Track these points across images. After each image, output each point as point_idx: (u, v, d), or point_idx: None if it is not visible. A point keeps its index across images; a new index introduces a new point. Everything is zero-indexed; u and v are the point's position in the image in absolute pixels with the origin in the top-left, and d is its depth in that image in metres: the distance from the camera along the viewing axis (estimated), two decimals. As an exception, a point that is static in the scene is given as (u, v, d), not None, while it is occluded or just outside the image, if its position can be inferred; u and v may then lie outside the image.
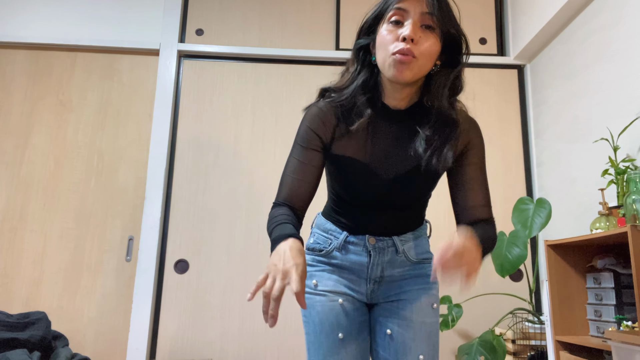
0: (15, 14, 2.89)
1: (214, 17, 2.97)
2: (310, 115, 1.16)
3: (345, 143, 1.14)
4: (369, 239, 1.19)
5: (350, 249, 1.20)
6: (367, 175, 1.15)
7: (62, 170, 2.74)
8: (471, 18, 3.02)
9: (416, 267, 1.22)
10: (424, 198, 1.23)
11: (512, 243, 2.29)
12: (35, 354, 1.81)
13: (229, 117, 2.84)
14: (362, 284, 1.21)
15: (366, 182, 1.15)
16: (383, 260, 1.19)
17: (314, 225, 1.30)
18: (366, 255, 1.19)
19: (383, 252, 1.19)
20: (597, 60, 2.21)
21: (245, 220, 2.71)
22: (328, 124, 1.14)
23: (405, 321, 1.18)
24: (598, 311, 1.84)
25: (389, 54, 1.05)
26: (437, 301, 1.22)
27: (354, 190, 1.17)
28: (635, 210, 1.60)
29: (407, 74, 1.04)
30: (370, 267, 1.19)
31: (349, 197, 1.19)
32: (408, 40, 1.03)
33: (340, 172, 1.17)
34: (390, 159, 1.15)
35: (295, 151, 1.16)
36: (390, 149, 1.15)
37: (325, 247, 1.22)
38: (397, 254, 1.20)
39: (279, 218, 1.07)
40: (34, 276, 2.61)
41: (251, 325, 2.59)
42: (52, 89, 2.83)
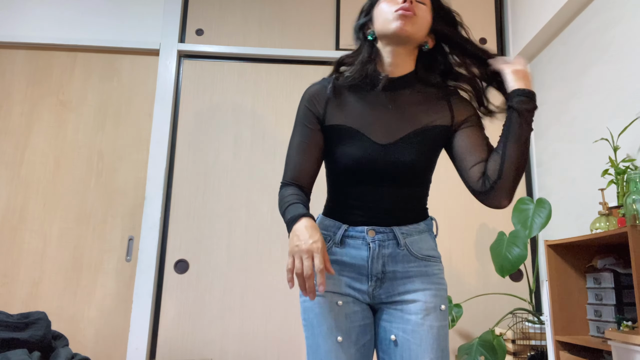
0: (15, 14, 2.89)
1: (214, 17, 2.97)
2: (306, 96, 1.23)
3: (338, 114, 1.19)
4: (368, 231, 1.15)
5: (349, 243, 1.17)
6: (360, 141, 1.15)
7: (62, 170, 2.74)
8: (471, 18, 3.02)
9: (421, 264, 1.17)
10: (420, 175, 1.19)
11: (512, 243, 2.29)
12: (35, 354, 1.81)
13: (229, 117, 2.84)
14: (363, 281, 1.16)
15: (360, 148, 1.15)
16: (384, 254, 1.15)
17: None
18: (366, 249, 1.15)
19: (383, 245, 1.15)
20: (597, 60, 2.21)
21: (245, 220, 2.71)
22: (321, 100, 1.20)
23: (410, 325, 1.12)
24: (598, 311, 1.84)
25: (391, 12, 1.14)
26: (445, 302, 1.16)
27: (349, 160, 1.15)
28: (635, 210, 1.60)
29: (409, 27, 1.13)
30: (371, 261, 1.15)
31: (344, 171, 1.17)
32: (407, 2, 1.13)
33: (334, 143, 1.18)
34: (385, 125, 1.17)
35: (296, 131, 1.22)
36: (385, 115, 1.18)
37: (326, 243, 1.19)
38: (398, 247, 1.15)
39: (290, 198, 1.14)
40: (34, 276, 2.61)
41: (251, 325, 2.59)
42: (52, 89, 2.83)
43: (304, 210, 1.09)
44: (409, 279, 1.16)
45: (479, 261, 2.71)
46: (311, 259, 1.01)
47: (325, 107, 1.20)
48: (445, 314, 1.15)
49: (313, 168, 1.20)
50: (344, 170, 1.17)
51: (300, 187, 1.18)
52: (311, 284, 1.00)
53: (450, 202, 2.77)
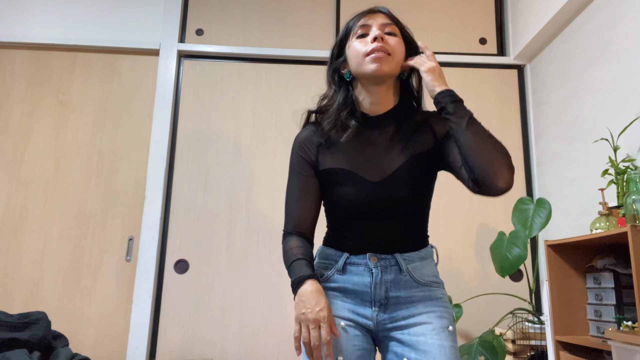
0: (15, 14, 2.89)
1: (214, 17, 2.97)
2: (297, 143, 1.26)
3: (330, 157, 1.21)
4: (371, 257, 1.16)
5: (351, 270, 1.17)
6: (355, 181, 1.17)
7: (62, 170, 2.74)
8: (471, 18, 3.02)
9: (424, 289, 1.16)
10: (417, 205, 1.20)
11: (512, 243, 2.29)
12: (35, 354, 1.81)
13: (229, 117, 2.84)
14: (366, 307, 1.16)
15: (356, 188, 1.16)
16: (387, 280, 1.15)
17: (316, 258, 1.28)
18: (368, 275, 1.15)
19: (386, 271, 1.15)
20: (597, 60, 2.21)
21: (245, 220, 2.71)
22: (311, 146, 1.23)
23: (422, 346, 1.10)
24: (598, 311, 1.84)
25: (363, 55, 1.15)
26: (452, 324, 1.15)
27: (346, 201, 1.17)
28: (635, 210, 1.60)
29: (386, 67, 1.14)
30: (374, 287, 1.15)
31: (343, 210, 1.19)
32: (379, 40, 1.15)
33: (331, 186, 1.20)
34: (375, 162, 1.18)
35: (292, 179, 1.24)
36: (374, 152, 1.19)
37: (326, 272, 1.20)
38: (400, 272, 1.15)
39: (294, 252, 1.17)
40: (34, 276, 2.61)
41: (251, 325, 2.59)
42: (52, 89, 2.83)
43: (308, 271, 1.12)
44: (412, 303, 1.15)
45: (479, 261, 2.71)
46: (318, 328, 1.05)
47: (317, 153, 1.22)
48: (454, 336, 1.13)
49: (313, 214, 1.22)
50: (342, 210, 1.19)
51: (302, 235, 1.20)
52: (319, 354, 1.03)
53: (450, 202, 2.77)
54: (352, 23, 1.23)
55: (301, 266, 1.13)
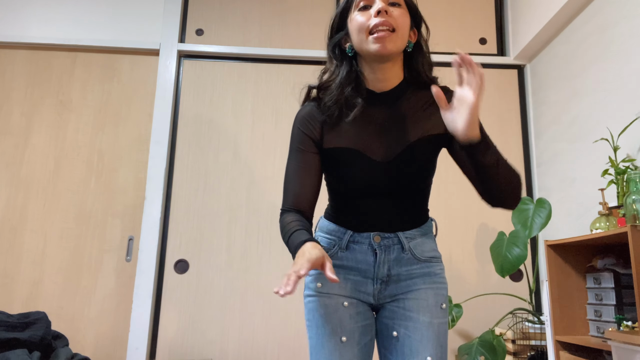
0: (15, 14, 2.89)
1: (214, 17, 2.97)
2: (298, 119, 1.20)
3: (335, 136, 1.16)
4: (374, 236, 1.16)
5: (355, 249, 1.17)
6: (361, 161, 1.14)
7: (62, 170, 2.74)
8: (471, 18, 3.02)
9: (424, 265, 1.18)
10: (422, 184, 1.19)
11: (512, 243, 2.29)
12: (35, 354, 1.81)
13: (229, 117, 2.84)
14: (368, 284, 1.18)
15: (361, 169, 1.14)
16: (389, 259, 1.16)
17: (317, 229, 1.27)
18: (372, 254, 1.16)
19: (389, 250, 1.16)
20: (597, 60, 2.21)
21: (245, 220, 2.71)
22: (315, 123, 1.18)
23: (412, 322, 1.14)
24: (598, 311, 1.84)
25: (366, 31, 1.09)
26: (445, 301, 1.18)
27: (351, 181, 1.15)
28: (635, 210, 1.60)
29: (390, 45, 1.08)
30: (377, 266, 1.16)
31: (348, 189, 1.17)
32: (382, 13, 1.08)
33: (335, 165, 1.17)
34: (383, 142, 1.14)
35: (292, 156, 1.19)
36: (381, 132, 1.15)
37: (330, 249, 1.20)
38: (403, 251, 1.17)
39: (292, 225, 1.12)
40: (34, 276, 2.61)
41: (251, 325, 2.59)
42: (52, 89, 2.83)
43: (306, 237, 1.07)
44: (412, 279, 1.17)
45: (479, 261, 2.71)
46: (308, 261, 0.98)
47: (322, 130, 1.17)
48: (445, 312, 1.17)
49: (312, 192, 1.17)
50: (346, 189, 1.17)
51: (301, 213, 1.16)
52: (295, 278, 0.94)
53: (451, 202, 2.77)
54: None
55: (300, 234, 1.08)
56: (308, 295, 1.19)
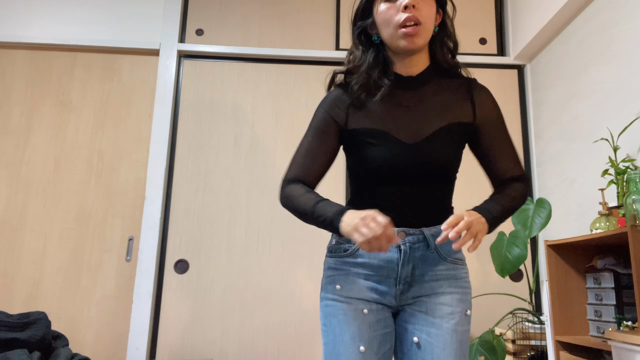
0: (15, 14, 2.89)
1: (214, 17, 2.97)
2: (326, 101, 1.19)
3: (361, 117, 1.15)
4: (399, 233, 1.11)
5: None
6: (387, 142, 1.12)
7: (62, 170, 2.74)
8: (471, 18, 3.02)
9: (450, 267, 1.14)
10: (448, 173, 1.16)
11: (512, 243, 2.29)
12: (35, 354, 1.81)
13: (229, 117, 2.84)
14: (391, 284, 1.12)
15: (387, 149, 1.12)
16: (414, 257, 1.11)
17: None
18: (396, 251, 1.11)
19: (414, 248, 1.11)
20: (597, 60, 2.21)
21: (245, 220, 2.71)
22: (341, 105, 1.17)
23: (435, 329, 1.09)
24: (598, 311, 1.84)
25: (395, 27, 1.11)
26: (470, 307, 1.14)
27: (377, 163, 1.12)
28: (635, 210, 1.60)
29: (418, 41, 1.11)
30: (401, 265, 1.11)
31: (371, 171, 1.13)
32: (410, 8, 1.09)
33: (360, 146, 1.15)
34: (410, 124, 1.14)
35: (311, 133, 1.18)
36: (409, 114, 1.15)
37: (351, 246, 1.14)
38: (428, 249, 1.12)
39: (310, 195, 1.10)
40: (34, 276, 2.61)
41: (251, 325, 2.59)
42: (52, 89, 2.83)
43: (342, 207, 1.05)
44: (437, 281, 1.13)
45: (479, 261, 2.71)
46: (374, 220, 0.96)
47: (347, 111, 1.16)
48: (469, 319, 1.13)
49: (320, 171, 1.16)
50: (372, 172, 1.14)
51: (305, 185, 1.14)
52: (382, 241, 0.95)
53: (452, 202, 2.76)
54: None
55: (330, 204, 1.06)
56: (326, 299, 1.15)
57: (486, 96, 1.21)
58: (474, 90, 1.20)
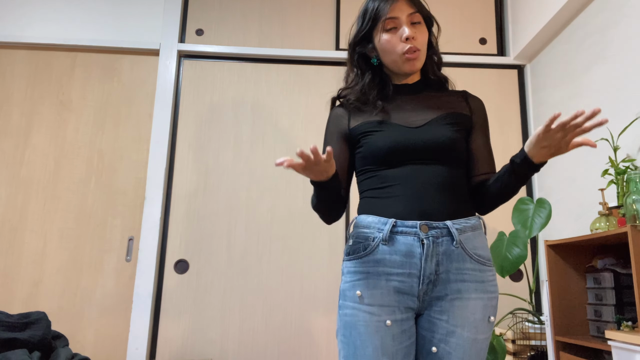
0: (15, 14, 2.89)
1: (214, 17, 2.97)
2: (329, 119, 1.30)
3: (363, 116, 1.23)
4: (421, 226, 1.08)
5: (399, 240, 1.08)
6: (392, 127, 1.18)
7: (62, 170, 2.74)
8: (471, 18, 3.02)
9: (476, 267, 1.10)
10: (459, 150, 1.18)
11: (512, 243, 2.28)
12: (35, 354, 1.81)
13: (229, 117, 2.84)
14: (414, 284, 1.07)
15: (394, 132, 1.17)
16: (438, 251, 1.07)
17: (351, 230, 1.18)
18: (419, 245, 1.07)
19: (437, 242, 1.07)
20: (597, 60, 2.21)
21: (245, 220, 2.71)
22: (343, 114, 1.26)
23: (455, 338, 1.06)
24: (598, 311, 1.84)
25: (399, 55, 1.22)
26: (494, 313, 1.10)
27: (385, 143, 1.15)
28: (635, 210, 1.60)
29: (418, 64, 1.23)
30: (424, 260, 1.06)
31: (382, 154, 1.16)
32: (410, 40, 1.21)
33: (365, 137, 1.20)
34: (411, 114, 1.21)
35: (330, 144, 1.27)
36: (408, 110, 1.22)
37: (369, 243, 1.10)
38: (453, 243, 1.08)
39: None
40: (34, 276, 2.61)
41: (251, 325, 2.59)
42: (52, 89, 2.83)
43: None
44: (463, 282, 1.09)
45: (479, 261, 2.70)
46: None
47: (349, 117, 1.25)
48: (491, 325, 1.10)
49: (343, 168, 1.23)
50: (381, 153, 1.16)
51: None
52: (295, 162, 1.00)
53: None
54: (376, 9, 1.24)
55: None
56: (345, 307, 1.09)
57: (480, 104, 1.29)
58: (469, 97, 1.29)
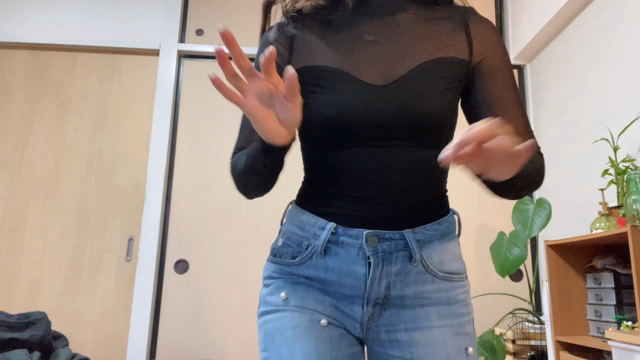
0: (15, 14, 2.89)
1: (214, 17, 2.97)
2: (261, 44, 0.92)
3: (307, 53, 0.83)
4: (368, 237, 0.76)
5: (337, 253, 0.78)
6: (345, 83, 0.78)
7: (62, 170, 2.74)
8: (471, 18, 3.02)
9: (441, 286, 0.80)
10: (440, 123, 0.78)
11: (512, 243, 2.29)
12: (35, 354, 1.81)
13: (229, 117, 2.84)
14: (355, 305, 0.79)
15: (346, 92, 0.77)
16: (389, 271, 0.78)
17: (284, 221, 0.87)
18: (363, 263, 0.77)
19: (389, 259, 0.77)
20: (597, 60, 2.21)
21: (245, 220, 2.71)
22: (282, 40, 0.88)
23: None
24: (598, 311, 1.84)
25: None
26: (472, 342, 0.80)
27: (330, 111, 0.77)
28: (635, 210, 1.60)
29: None
30: (370, 282, 0.77)
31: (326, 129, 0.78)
32: None
33: (307, 94, 0.80)
34: (378, 61, 0.80)
35: None
36: (376, 49, 0.81)
37: (301, 251, 0.80)
38: (410, 261, 0.78)
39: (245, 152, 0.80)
40: (34, 276, 2.61)
41: (251, 325, 2.59)
42: (52, 89, 2.83)
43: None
44: (421, 308, 0.79)
45: (479, 261, 2.71)
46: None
47: (290, 48, 0.85)
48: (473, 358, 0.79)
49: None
50: (324, 128, 0.78)
51: None
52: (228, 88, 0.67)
53: (450, 202, 2.77)
54: None
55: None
56: (266, 313, 0.81)
57: (488, 29, 0.85)
58: (471, 19, 0.85)
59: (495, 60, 0.83)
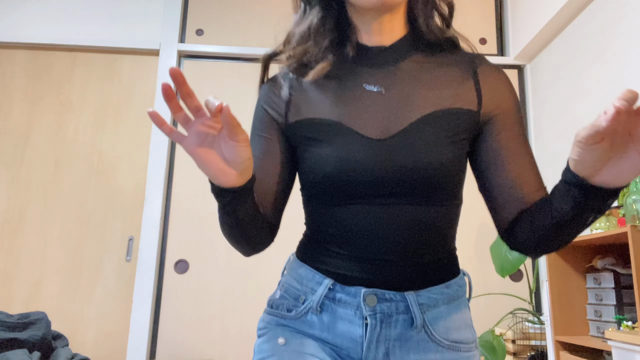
0: (15, 14, 2.89)
1: (214, 17, 2.97)
2: (262, 90, 0.89)
3: (306, 105, 0.79)
4: (367, 296, 0.72)
5: (334, 312, 0.74)
6: (343, 136, 0.74)
7: (62, 170, 2.74)
8: (471, 18, 3.02)
9: (446, 355, 0.75)
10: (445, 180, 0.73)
11: (512, 243, 2.28)
12: (35, 354, 1.81)
13: (229, 117, 2.83)
14: None
15: (344, 147, 0.73)
16: (388, 335, 0.73)
17: (284, 272, 0.87)
18: (360, 324, 0.73)
19: (389, 322, 0.73)
20: (597, 60, 2.21)
21: (245, 220, 2.71)
22: (279, 93, 0.84)
23: None
24: (598, 311, 1.84)
25: None
26: None
27: (328, 167, 0.73)
28: (635, 210, 1.60)
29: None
30: (367, 345, 0.73)
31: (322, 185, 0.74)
32: None
33: (304, 148, 0.77)
34: (378, 113, 0.75)
35: (252, 144, 0.82)
36: (377, 100, 0.77)
37: (297, 305, 0.78)
38: (412, 326, 0.73)
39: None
40: (34, 276, 2.61)
41: (251, 325, 2.59)
42: (52, 89, 2.83)
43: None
44: None
45: (479, 261, 2.71)
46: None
47: (288, 101, 0.81)
48: None
49: (277, 184, 0.80)
50: (322, 183, 0.74)
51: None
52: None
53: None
54: None
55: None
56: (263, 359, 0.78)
57: (499, 78, 0.83)
58: (480, 67, 0.82)
59: (506, 112, 0.79)
